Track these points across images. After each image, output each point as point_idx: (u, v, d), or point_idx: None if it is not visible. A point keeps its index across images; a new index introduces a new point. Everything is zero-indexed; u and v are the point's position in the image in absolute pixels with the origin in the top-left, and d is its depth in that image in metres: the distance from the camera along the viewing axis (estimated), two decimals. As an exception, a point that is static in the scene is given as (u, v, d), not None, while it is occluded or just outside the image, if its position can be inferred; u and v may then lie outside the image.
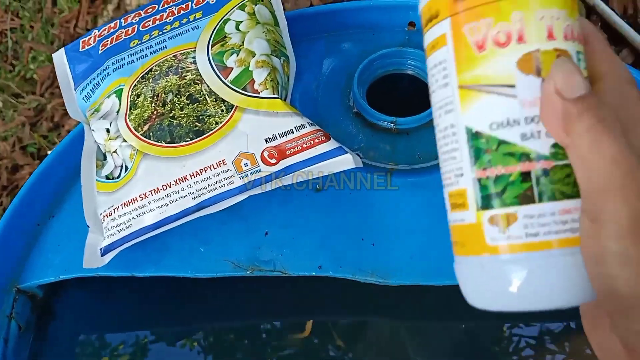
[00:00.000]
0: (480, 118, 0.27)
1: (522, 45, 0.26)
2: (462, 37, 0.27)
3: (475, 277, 0.28)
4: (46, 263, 0.55)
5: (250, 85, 0.52)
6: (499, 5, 0.26)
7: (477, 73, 0.27)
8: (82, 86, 0.58)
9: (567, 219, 0.25)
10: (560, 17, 0.26)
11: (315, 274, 0.50)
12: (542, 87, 0.25)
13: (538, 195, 0.25)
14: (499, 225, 0.26)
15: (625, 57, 1.30)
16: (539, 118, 0.25)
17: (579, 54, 0.26)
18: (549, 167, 0.25)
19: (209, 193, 0.50)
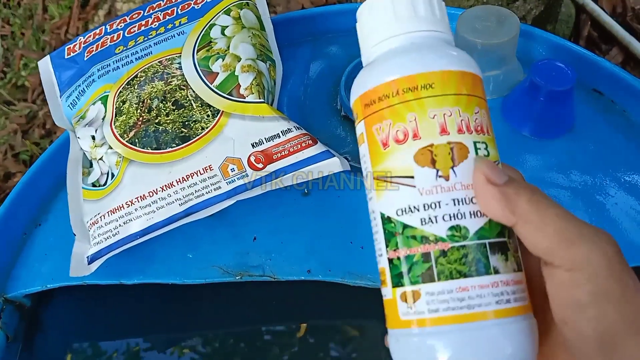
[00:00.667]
0: (389, 205, 0.30)
1: (417, 141, 0.29)
2: (372, 136, 0.30)
3: (394, 349, 0.30)
4: (33, 272, 0.54)
5: (236, 90, 0.52)
6: (395, 108, 0.29)
7: (385, 166, 0.30)
8: (67, 93, 0.58)
9: (464, 297, 0.27)
10: (452, 113, 0.29)
11: (305, 278, 0.50)
12: (474, 182, 0.28)
13: (437, 275, 0.28)
14: (407, 301, 0.29)
15: (615, 55, 1.31)
16: (435, 204, 0.28)
17: (477, 144, 0.29)
18: (446, 249, 0.28)
19: (196, 199, 0.50)
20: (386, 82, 0.29)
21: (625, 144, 0.54)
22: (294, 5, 1.56)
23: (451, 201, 0.28)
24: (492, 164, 0.28)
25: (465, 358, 0.27)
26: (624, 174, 0.52)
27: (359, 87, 0.31)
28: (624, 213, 0.50)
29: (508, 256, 0.28)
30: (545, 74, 0.50)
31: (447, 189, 0.28)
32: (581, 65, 0.56)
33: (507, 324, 0.27)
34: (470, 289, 0.27)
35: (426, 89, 0.29)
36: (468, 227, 0.28)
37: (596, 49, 1.32)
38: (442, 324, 0.28)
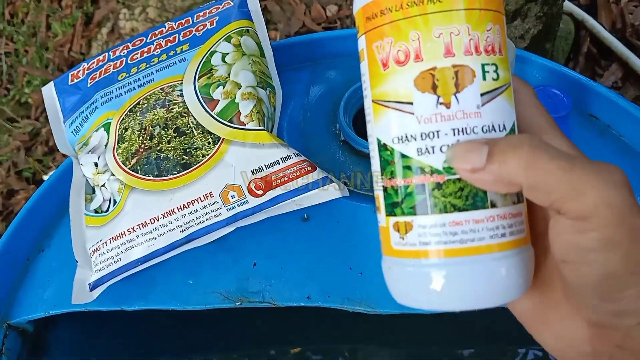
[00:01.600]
0: (387, 131, 0.28)
1: (419, 63, 0.27)
2: (372, 54, 0.28)
3: (386, 275, 0.30)
4: (36, 298, 0.55)
5: (236, 117, 0.52)
6: (398, 24, 0.27)
7: (383, 90, 0.28)
8: (71, 119, 0.59)
9: (457, 231, 0.27)
10: (460, 32, 0.27)
11: (304, 305, 0.50)
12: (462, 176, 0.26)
13: (430, 207, 0.27)
14: (400, 231, 0.28)
15: (615, 71, 1.32)
16: (434, 134, 0.27)
17: (485, 66, 0.27)
18: (441, 181, 0.27)
19: (197, 225, 0.50)
20: None
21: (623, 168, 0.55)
22: (294, 22, 1.58)
23: (451, 131, 0.27)
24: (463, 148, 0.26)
25: (455, 292, 0.27)
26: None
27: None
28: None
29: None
30: (542, 100, 0.51)
31: (447, 118, 0.27)
32: (577, 90, 0.57)
33: (499, 259, 0.27)
34: (464, 223, 0.27)
35: (433, 3, 0.26)
36: None
37: (596, 65, 1.33)
38: (433, 256, 0.27)
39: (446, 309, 0.28)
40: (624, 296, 0.25)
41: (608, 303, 0.26)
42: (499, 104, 0.27)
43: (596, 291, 0.26)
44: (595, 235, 0.24)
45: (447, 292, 0.27)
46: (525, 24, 1.02)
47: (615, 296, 0.25)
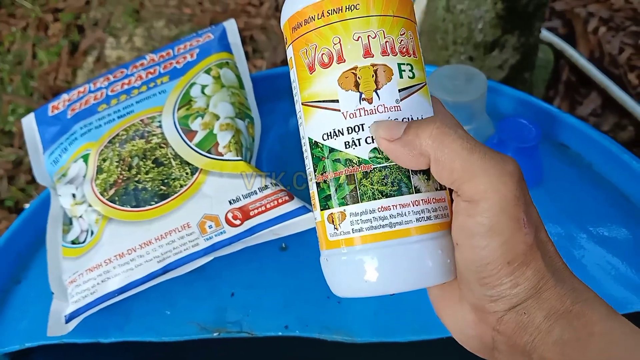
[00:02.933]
0: (316, 130, 0.30)
1: (342, 65, 0.29)
2: (299, 60, 0.31)
3: (324, 269, 0.32)
4: (12, 330, 0.54)
5: (214, 148, 0.53)
6: (320, 31, 0.30)
7: (311, 91, 0.30)
8: (50, 150, 0.59)
9: (386, 215, 0.29)
10: (377, 35, 0.29)
11: (282, 334, 0.50)
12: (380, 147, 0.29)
13: (360, 196, 0.29)
14: (334, 222, 0.30)
15: (594, 99, 1.34)
16: (358, 127, 0.29)
17: (402, 65, 0.30)
18: (368, 170, 0.29)
19: (174, 256, 0.51)
20: (312, 3, 0.30)
21: (593, 196, 0.56)
22: (280, 51, 1.60)
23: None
24: (385, 124, 0.29)
25: (389, 273, 0.29)
26: (594, 225, 0.54)
27: (287, 10, 0.31)
28: (596, 265, 0.51)
29: (430, 176, 0.30)
30: (511, 131, 0.52)
31: (370, 112, 0.29)
32: (548, 120, 0.59)
33: (428, 240, 0.29)
34: (391, 208, 0.29)
35: (351, 10, 0.29)
36: None
37: (575, 93, 1.36)
38: (366, 242, 0.29)
39: (380, 292, 0.29)
40: (500, 283, 0.27)
41: (486, 288, 0.28)
42: (416, 100, 0.30)
43: (477, 275, 0.28)
44: (480, 219, 0.27)
45: (380, 274, 0.29)
46: (503, 54, 1.04)
47: (492, 283, 0.27)
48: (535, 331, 0.27)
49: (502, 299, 0.27)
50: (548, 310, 0.27)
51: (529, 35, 1.03)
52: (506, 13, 0.94)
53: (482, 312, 0.29)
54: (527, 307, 0.27)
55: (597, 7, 1.47)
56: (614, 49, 1.39)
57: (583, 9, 1.47)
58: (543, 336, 0.27)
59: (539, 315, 0.27)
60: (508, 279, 0.27)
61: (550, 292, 0.27)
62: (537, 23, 1.02)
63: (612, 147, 0.55)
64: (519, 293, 0.27)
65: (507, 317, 0.28)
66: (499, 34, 0.98)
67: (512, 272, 0.27)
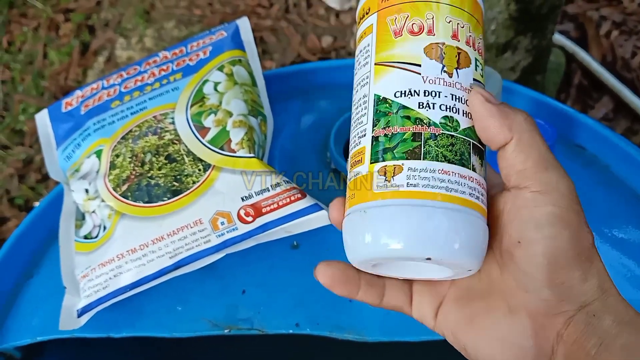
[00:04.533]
0: (388, 87, 0.32)
1: (431, 37, 0.31)
2: (385, 25, 0.33)
3: (358, 224, 0.31)
4: (24, 324, 0.54)
5: (227, 145, 0.53)
6: (416, 4, 0.32)
7: (392, 52, 0.32)
8: (63, 146, 0.59)
9: (445, 179, 0.29)
10: (464, 26, 0.32)
11: (293, 332, 0.50)
12: (472, 103, 0.30)
13: (424, 154, 0.30)
14: (386, 175, 0.30)
15: (606, 103, 1.34)
16: (436, 93, 0.30)
17: (477, 60, 0.32)
18: (437, 133, 0.30)
19: (186, 252, 0.50)
20: None
21: (609, 198, 0.56)
22: (290, 53, 1.60)
23: (450, 95, 0.30)
24: (486, 91, 0.30)
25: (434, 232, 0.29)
26: (610, 228, 0.53)
27: None
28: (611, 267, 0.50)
29: (483, 163, 0.31)
30: (528, 131, 0.52)
31: (448, 84, 0.31)
32: (564, 121, 0.58)
33: (477, 216, 0.29)
34: (451, 174, 0.29)
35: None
36: (460, 121, 0.30)
37: (587, 97, 1.35)
38: (419, 197, 0.29)
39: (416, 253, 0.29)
40: (570, 277, 0.27)
41: (554, 285, 0.27)
42: None
43: (545, 270, 0.27)
44: (552, 209, 0.27)
45: (422, 231, 0.29)
46: (515, 56, 1.04)
47: (562, 277, 0.27)
48: (604, 334, 0.27)
49: (572, 296, 0.27)
50: (615, 315, 0.27)
51: (542, 37, 1.02)
52: (519, 14, 0.93)
53: (546, 315, 0.28)
54: (596, 309, 0.27)
55: (610, 10, 1.46)
56: (627, 53, 1.39)
57: (595, 12, 1.46)
58: (611, 340, 0.26)
59: (607, 319, 0.27)
60: (578, 273, 0.27)
61: (614, 299, 0.27)
62: (551, 25, 1.01)
63: (630, 149, 0.55)
64: (588, 291, 0.27)
65: (577, 317, 0.27)
66: (511, 35, 0.98)
67: (581, 265, 0.27)
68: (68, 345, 0.54)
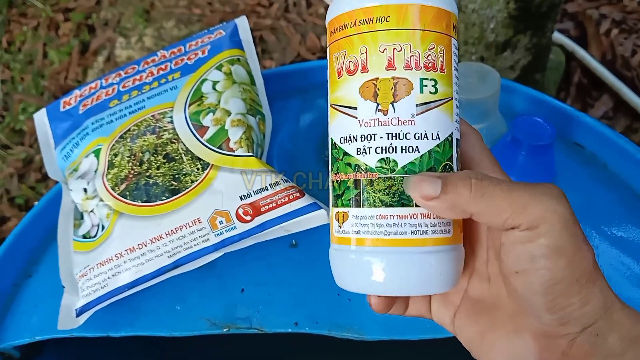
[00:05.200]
0: (337, 132, 0.32)
1: (365, 74, 0.30)
2: (332, 63, 0.32)
3: (330, 259, 0.34)
4: (23, 324, 0.54)
5: (225, 144, 0.53)
6: (351, 39, 0.31)
7: (337, 95, 0.32)
8: (61, 145, 0.59)
9: (383, 223, 0.30)
10: (402, 48, 0.30)
11: (292, 331, 0.50)
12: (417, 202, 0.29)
13: (362, 201, 0.31)
14: (339, 221, 0.32)
15: (606, 101, 1.33)
16: (371, 136, 0.30)
17: (424, 80, 0.30)
18: (373, 178, 0.30)
19: (185, 251, 0.50)
20: (347, 11, 0.31)
21: (608, 196, 0.56)
22: (290, 52, 1.60)
23: (385, 135, 0.30)
24: (421, 179, 0.29)
25: (370, 275, 0.30)
26: (609, 226, 0.53)
27: (330, 13, 0.32)
28: (610, 265, 0.51)
29: None
30: (526, 129, 0.52)
31: (383, 123, 0.30)
32: (562, 119, 0.58)
33: (418, 253, 0.30)
34: (389, 217, 0.30)
35: (381, 22, 0.30)
36: (397, 160, 0.30)
37: (587, 95, 1.35)
38: (360, 244, 0.31)
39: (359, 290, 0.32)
40: (569, 303, 0.27)
41: (554, 312, 0.27)
42: (435, 115, 0.30)
43: (544, 299, 0.27)
44: (544, 241, 0.27)
45: (364, 275, 0.31)
46: (515, 55, 1.04)
47: (561, 304, 0.27)
48: (609, 353, 0.27)
49: (573, 320, 0.27)
50: (621, 332, 0.27)
51: (542, 35, 1.02)
52: (519, 13, 0.93)
53: (549, 338, 0.28)
54: (599, 328, 0.27)
55: (610, 9, 1.46)
56: (627, 51, 1.38)
57: (595, 10, 1.46)
58: (616, 358, 0.27)
59: (612, 337, 0.27)
60: (577, 298, 0.27)
61: (620, 315, 0.27)
62: (550, 23, 1.01)
63: (628, 147, 0.55)
64: (589, 312, 0.27)
65: (580, 339, 0.27)
66: (511, 34, 0.98)
67: (580, 290, 0.27)
68: (67, 344, 0.54)
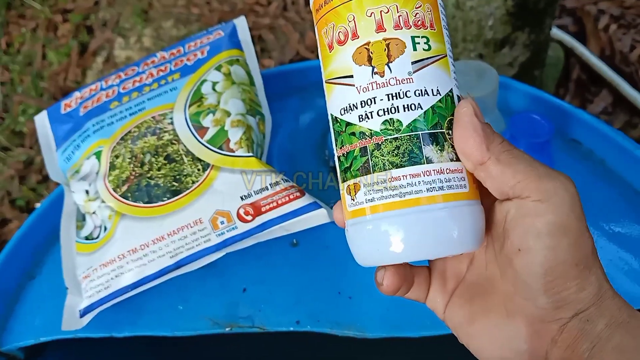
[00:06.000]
0: (335, 106, 0.32)
1: (356, 41, 0.30)
2: (322, 40, 0.32)
3: (348, 238, 0.33)
4: (27, 325, 0.55)
5: (225, 145, 0.53)
6: (337, 10, 0.31)
7: (331, 69, 0.32)
8: (63, 147, 0.59)
9: (397, 185, 0.29)
10: (390, 10, 0.30)
11: (294, 329, 0.51)
12: (461, 112, 0.29)
13: (372, 167, 0.30)
14: (350, 194, 0.31)
15: (605, 97, 1.34)
16: (371, 101, 0.30)
17: (416, 38, 0.30)
18: (380, 142, 0.30)
19: (187, 251, 0.51)
20: None
21: (606, 192, 0.56)
22: (289, 51, 1.60)
23: (385, 96, 0.30)
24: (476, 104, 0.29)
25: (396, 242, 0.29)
26: (607, 222, 0.54)
27: None
28: (609, 261, 0.51)
29: (444, 147, 0.30)
30: (524, 126, 0.52)
31: (381, 85, 0.30)
32: (559, 115, 0.58)
33: (437, 210, 0.29)
34: (401, 178, 0.29)
35: None
36: (402, 119, 0.29)
37: (586, 91, 1.35)
38: (376, 211, 0.30)
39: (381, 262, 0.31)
40: (566, 287, 0.27)
41: (551, 294, 0.27)
42: (432, 71, 0.30)
43: (542, 280, 0.27)
44: (551, 217, 0.27)
45: (384, 243, 0.30)
46: (513, 52, 1.04)
47: (559, 287, 0.27)
48: (596, 338, 0.27)
49: (568, 304, 0.27)
50: (609, 318, 0.27)
51: (540, 32, 1.02)
52: (517, 10, 0.93)
53: (542, 322, 0.29)
54: (590, 314, 0.27)
55: (608, 4, 1.46)
56: (625, 47, 1.39)
57: (594, 6, 1.46)
58: (603, 343, 0.27)
59: (600, 323, 0.27)
60: (574, 283, 0.27)
61: (610, 302, 0.28)
62: (548, 20, 1.01)
63: (626, 143, 0.55)
64: (584, 299, 0.27)
65: (570, 324, 0.28)
66: (509, 31, 0.98)
67: (578, 274, 0.27)
68: (70, 345, 0.55)
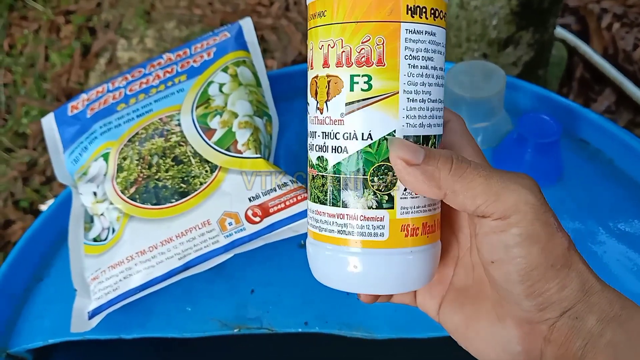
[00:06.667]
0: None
1: (311, 71, 0.30)
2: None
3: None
4: (35, 327, 0.55)
5: (233, 146, 0.53)
6: (309, 33, 0.31)
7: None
8: (70, 149, 0.59)
9: (318, 219, 0.31)
10: (335, 44, 0.29)
11: (302, 331, 0.51)
12: (395, 167, 0.29)
13: (310, 195, 0.32)
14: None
15: (608, 96, 1.33)
16: (313, 134, 0.31)
17: (354, 77, 0.28)
18: (314, 175, 0.31)
19: (195, 253, 0.51)
20: (308, 3, 0.31)
21: (613, 191, 0.56)
22: (291, 51, 1.60)
23: (322, 133, 0.30)
24: (405, 143, 0.28)
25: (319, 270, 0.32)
26: (615, 221, 0.54)
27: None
28: (616, 260, 0.51)
29: (364, 193, 0.29)
30: (532, 126, 0.52)
31: (320, 121, 0.30)
32: (568, 115, 0.58)
33: (339, 252, 0.30)
34: (322, 214, 0.31)
35: (320, 17, 0.29)
36: (329, 159, 0.30)
37: (589, 90, 1.35)
38: (310, 236, 0.32)
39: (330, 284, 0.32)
40: (547, 288, 0.27)
41: (533, 297, 0.28)
42: (367, 114, 0.28)
43: (522, 286, 0.28)
44: (516, 230, 0.27)
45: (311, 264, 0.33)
46: (517, 51, 1.04)
47: (539, 289, 0.28)
48: (588, 335, 0.27)
49: (552, 304, 0.28)
50: (599, 314, 0.27)
51: (544, 31, 1.02)
52: (521, 9, 0.93)
53: (531, 324, 0.29)
54: (578, 311, 0.28)
55: (611, 3, 1.46)
56: (628, 45, 1.38)
57: (597, 5, 1.46)
58: (595, 339, 0.27)
59: (590, 319, 0.27)
60: (554, 282, 0.27)
61: (598, 296, 0.28)
62: (552, 19, 1.01)
63: (633, 143, 0.55)
64: (568, 296, 0.28)
65: (559, 323, 0.28)
66: (513, 30, 0.98)
67: (556, 274, 0.27)
68: (77, 346, 0.55)
